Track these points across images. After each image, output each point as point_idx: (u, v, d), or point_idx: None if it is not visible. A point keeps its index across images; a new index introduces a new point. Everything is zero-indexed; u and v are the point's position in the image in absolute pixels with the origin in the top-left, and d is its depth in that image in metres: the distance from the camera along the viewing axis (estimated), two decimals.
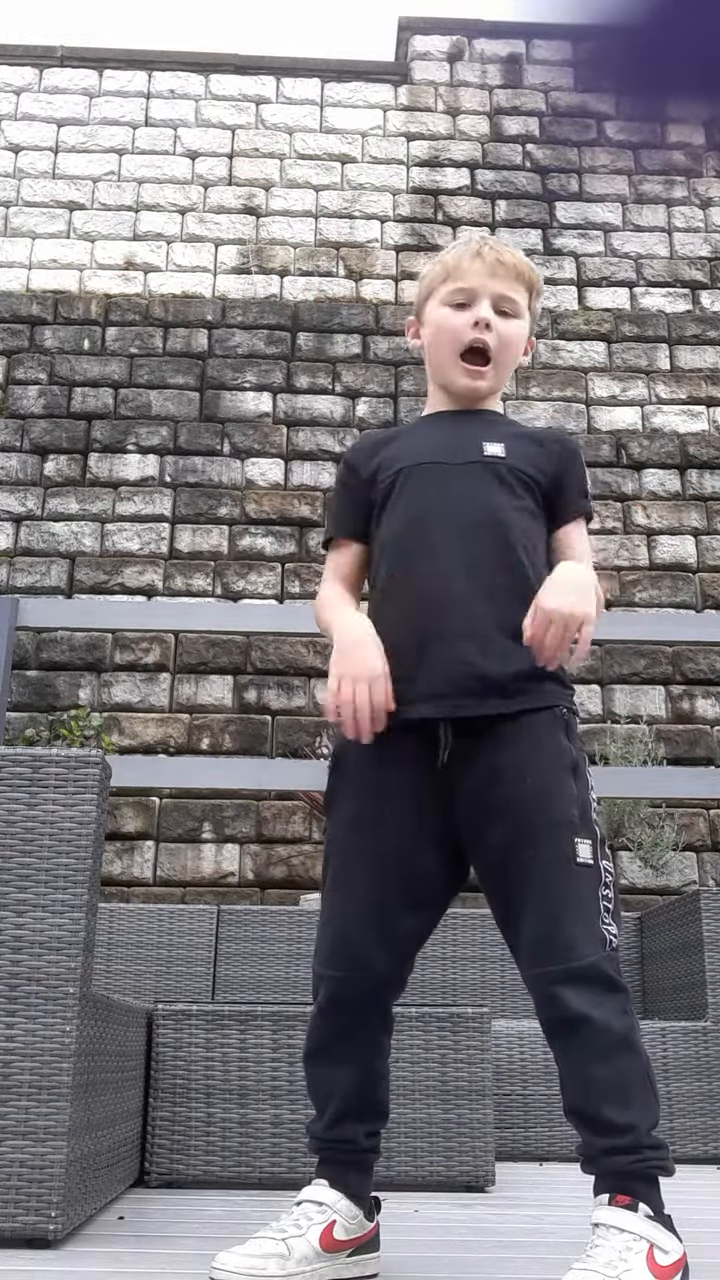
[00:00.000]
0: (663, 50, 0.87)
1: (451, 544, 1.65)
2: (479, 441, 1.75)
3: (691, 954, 3.56)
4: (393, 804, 1.61)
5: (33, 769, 1.87)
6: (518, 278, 1.81)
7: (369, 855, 1.62)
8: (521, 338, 1.84)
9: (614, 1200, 1.45)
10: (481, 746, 1.57)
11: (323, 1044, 1.66)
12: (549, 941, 1.52)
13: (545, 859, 1.53)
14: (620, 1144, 1.47)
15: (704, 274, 9.76)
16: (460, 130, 10.15)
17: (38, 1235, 1.68)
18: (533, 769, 1.56)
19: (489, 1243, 1.74)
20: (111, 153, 9.98)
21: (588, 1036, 1.50)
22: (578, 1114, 1.53)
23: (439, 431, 1.81)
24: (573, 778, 1.58)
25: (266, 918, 3.92)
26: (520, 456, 1.75)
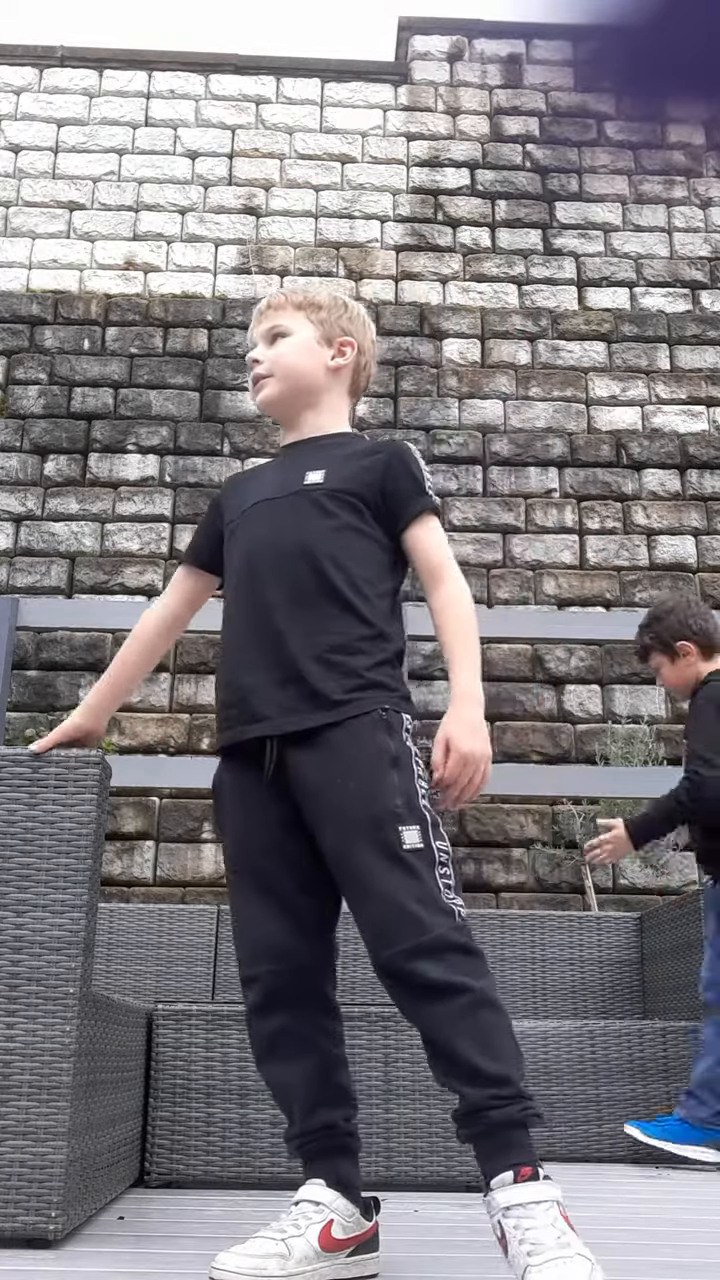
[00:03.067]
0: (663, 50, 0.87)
1: (273, 576, 1.78)
2: (303, 472, 1.86)
3: (691, 954, 3.56)
4: (254, 816, 1.75)
5: (33, 769, 1.87)
6: (279, 308, 1.97)
7: (253, 862, 1.75)
8: (298, 345, 1.95)
9: (519, 1176, 1.47)
10: (312, 758, 1.68)
11: (271, 1043, 1.72)
12: (395, 924, 1.58)
13: (371, 850, 1.62)
14: (502, 1093, 1.51)
15: (704, 274, 9.76)
16: (460, 130, 10.15)
17: (38, 1235, 1.68)
18: (354, 771, 1.66)
19: (489, 1243, 1.74)
20: (111, 153, 9.98)
21: (450, 999, 1.55)
22: (453, 1074, 1.57)
23: (275, 469, 1.95)
24: (394, 770, 1.66)
25: None
26: (340, 477, 1.84)
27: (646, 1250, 1.76)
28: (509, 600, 8.38)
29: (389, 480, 1.84)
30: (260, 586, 1.78)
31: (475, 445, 8.95)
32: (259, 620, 1.76)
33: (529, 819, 7.58)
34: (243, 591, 1.81)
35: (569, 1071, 3.32)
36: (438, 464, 8.81)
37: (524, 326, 9.49)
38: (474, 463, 8.90)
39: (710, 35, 0.85)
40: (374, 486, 1.83)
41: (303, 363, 1.94)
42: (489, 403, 9.17)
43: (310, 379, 1.94)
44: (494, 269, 9.69)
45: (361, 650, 1.73)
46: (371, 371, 2.04)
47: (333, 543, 1.78)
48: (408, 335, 9.34)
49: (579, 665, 8.24)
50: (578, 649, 8.24)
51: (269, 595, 1.76)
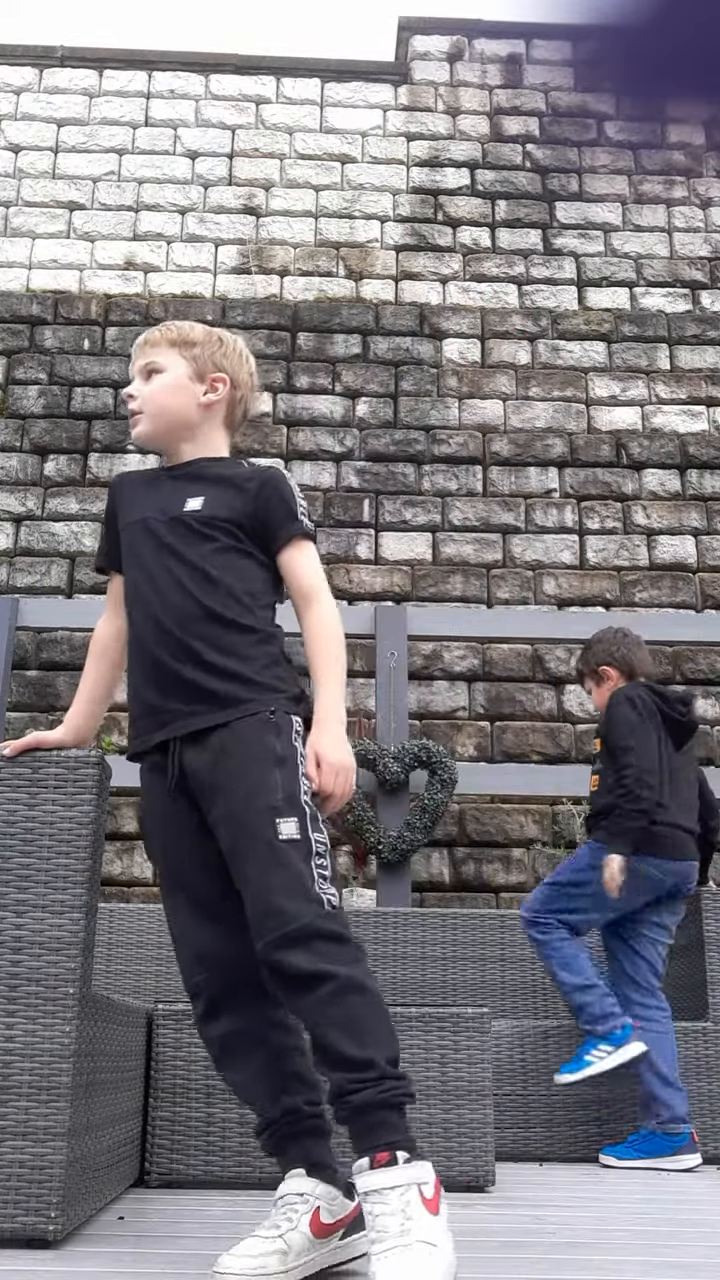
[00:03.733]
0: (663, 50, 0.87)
1: (158, 594, 1.87)
2: (183, 498, 1.96)
3: (692, 954, 3.56)
4: (170, 827, 1.83)
5: (32, 769, 1.87)
6: (155, 344, 2.06)
7: (178, 874, 1.82)
8: (169, 384, 2.04)
9: (374, 1162, 1.48)
10: (206, 759, 1.77)
11: (223, 1046, 1.77)
12: (265, 914, 1.64)
13: (251, 843, 1.69)
14: (364, 1077, 1.53)
15: (704, 274, 9.76)
16: (460, 130, 10.15)
17: (37, 1235, 1.68)
18: (241, 771, 1.74)
19: (489, 1243, 1.74)
20: (111, 153, 9.98)
21: (316, 987, 1.59)
22: (323, 1061, 1.60)
23: (159, 488, 2.03)
24: (278, 769, 1.75)
25: None
26: (217, 504, 1.95)
27: (646, 1250, 1.76)
28: (509, 600, 8.38)
29: (260, 507, 1.94)
30: (149, 603, 1.88)
31: (475, 445, 8.95)
32: (152, 633, 1.85)
33: (529, 819, 7.58)
34: (136, 606, 1.91)
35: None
36: (438, 464, 8.81)
37: (524, 326, 9.49)
38: (474, 463, 8.90)
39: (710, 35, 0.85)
40: (249, 513, 1.94)
41: (173, 400, 2.03)
42: (489, 403, 9.17)
43: (181, 415, 2.04)
44: (494, 269, 9.69)
45: (248, 656, 1.83)
46: (249, 406, 2.13)
47: (211, 561, 1.89)
48: (408, 335, 9.34)
49: (579, 665, 8.24)
50: (578, 649, 8.23)
51: (156, 610, 1.86)
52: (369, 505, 8.72)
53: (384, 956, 3.78)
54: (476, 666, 8.09)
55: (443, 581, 8.37)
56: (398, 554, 8.46)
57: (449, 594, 8.33)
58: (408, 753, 5.02)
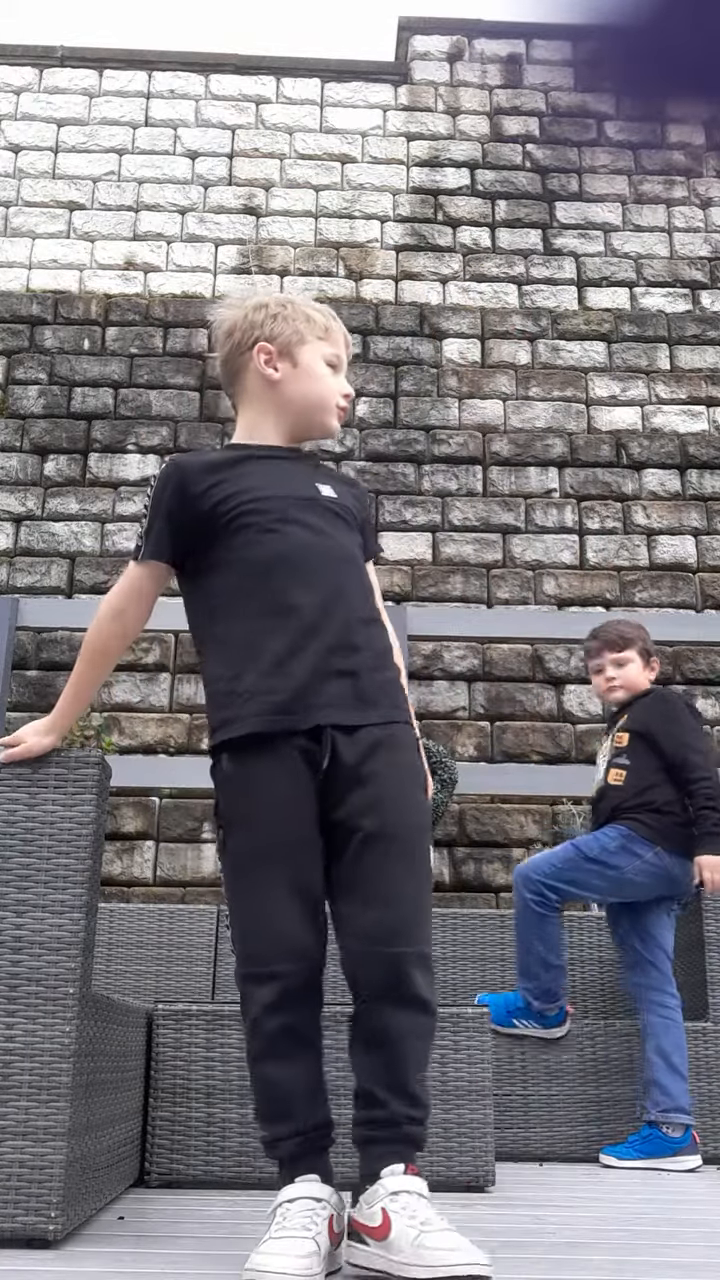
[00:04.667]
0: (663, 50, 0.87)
1: (320, 576, 1.84)
2: (312, 483, 1.94)
3: (692, 954, 3.56)
4: (292, 809, 1.77)
5: (33, 769, 1.87)
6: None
7: (290, 856, 1.77)
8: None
9: (408, 1170, 1.64)
10: (355, 754, 1.76)
11: (274, 1041, 1.74)
12: (402, 925, 1.70)
13: (405, 854, 1.74)
14: (417, 1117, 1.68)
15: (704, 274, 9.76)
16: (460, 130, 10.15)
17: (38, 1235, 1.68)
18: (398, 781, 1.77)
19: (489, 1243, 1.74)
20: (111, 153, 9.98)
21: (425, 1019, 1.71)
22: (390, 1086, 1.68)
23: (275, 468, 1.94)
24: (422, 789, 1.83)
25: None
26: (347, 497, 1.98)
27: (646, 1250, 1.76)
28: (509, 600, 8.38)
29: (369, 518, 2.04)
30: (310, 583, 1.82)
31: (475, 445, 8.95)
32: (314, 615, 1.80)
33: (529, 819, 7.58)
34: (288, 584, 1.82)
35: (569, 1071, 3.32)
36: (438, 464, 8.81)
37: (524, 326, 9.49)
38: (474, 463, 8.90)
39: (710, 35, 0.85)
40: (361, 517, 2.00)
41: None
42: (489, 403, 9.16)
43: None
44: (494, 269, 9.69)
45: (392, 663, 1.88)
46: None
47: (359, 554, 1.93)
48: (408, 335, 9.34)
49: (579, 665, 8.24)
50: (578, 649, 8.24)
51: (321, 593, 1.82)
52: (369, 505, 8.72)
53: None
54: (476, 666, 8.09)
55: (443, 581, 8.37)
56: (397, 554, 8.46)
57: (449, 594, 8.33)
58: None
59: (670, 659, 8.28)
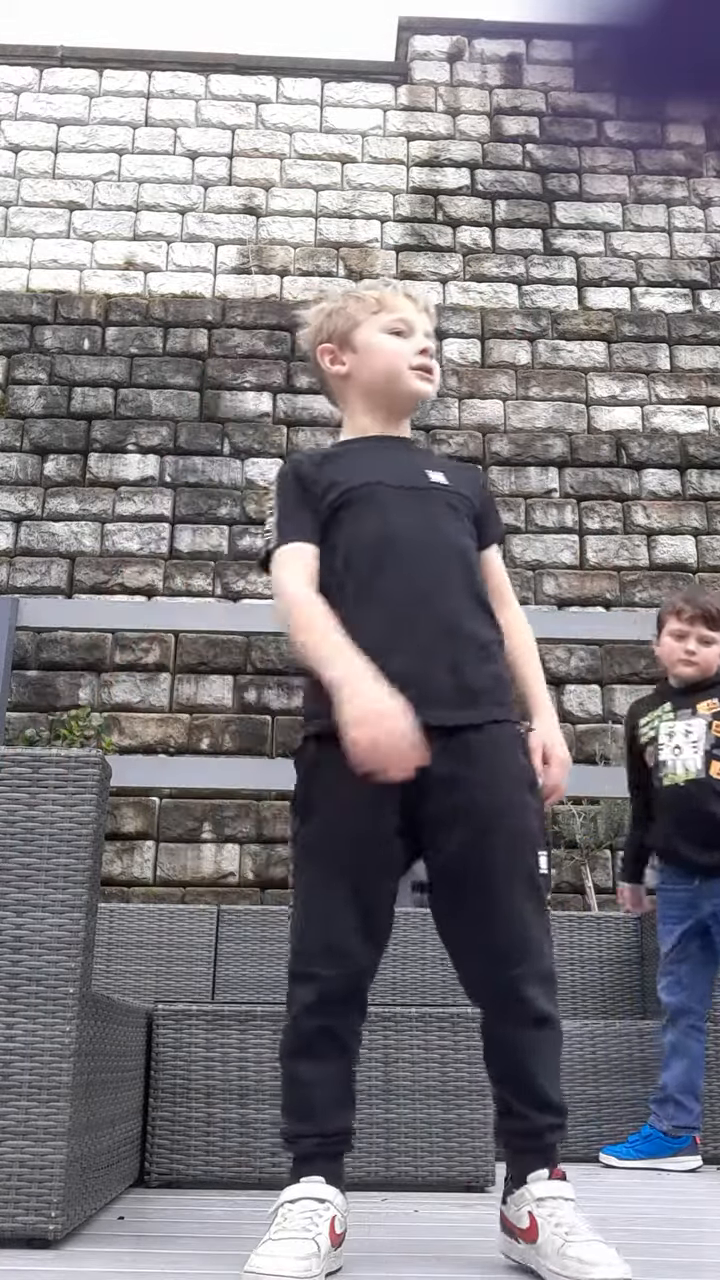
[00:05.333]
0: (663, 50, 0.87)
1: (423, 564, 1.76)
2: (420, 469, 1.88)
3: None
4: (369, 813, 1.67)
5: (33, 769, 1.86)
6: (432, 321, 2.00)
7: (355, 858, 1.69)
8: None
9: (553, 1175, 1.66)
10: (449, 753, 1.66)
11: (309, 1041, 1.71)
12: (520, 945, 1.65)
13: (513, 869, 1.67)
14: (558, 1123, 1.71)
15: (704, 274, 9.76)
16: (460, 130, 10.15)
17: (38, 1235, 1.68)
18: (499, 787, 1.68)
19: (489, 1243, 1.74)
20: (111, 153, 9.98)
21: (549, 1032, 1.69)
22: (522, 1097, 1.69)
23: (378, 456, 1.88)
24: (530, 794, 1.73)
25: (266, 918, 3.91)
26: (459, 483, 1.89)
27: (647, 1250, 1.76)
28: None
29: (488, 502, 1.95)
30: (409, 571, 1.75)
31: (475, 445, 8.95)
32: (412, 604, 1.72)
33: None
34: (386, 572, 1.74)
35: (569, 1071, 3.31)
36: None
37: (524, 326, 9.49)
38: (474, 463, 8.90)
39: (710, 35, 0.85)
40: (479, 502, 1.91)
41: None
42: (489, 403, 9.16)
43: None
44: (494, 269, 9.69)
45: (497, 656, 1.78)
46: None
47: (469, 544, 1.84)
48: None
49: (579, 665, 8.24)
50: (578, 649, 8.24)
51: (420, 582, 1.74)
52: None
53: (384, 956, 3.78)
54: None
55: None
56: None
57: None
58: None
59: None
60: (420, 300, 1.98)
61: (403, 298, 1.97)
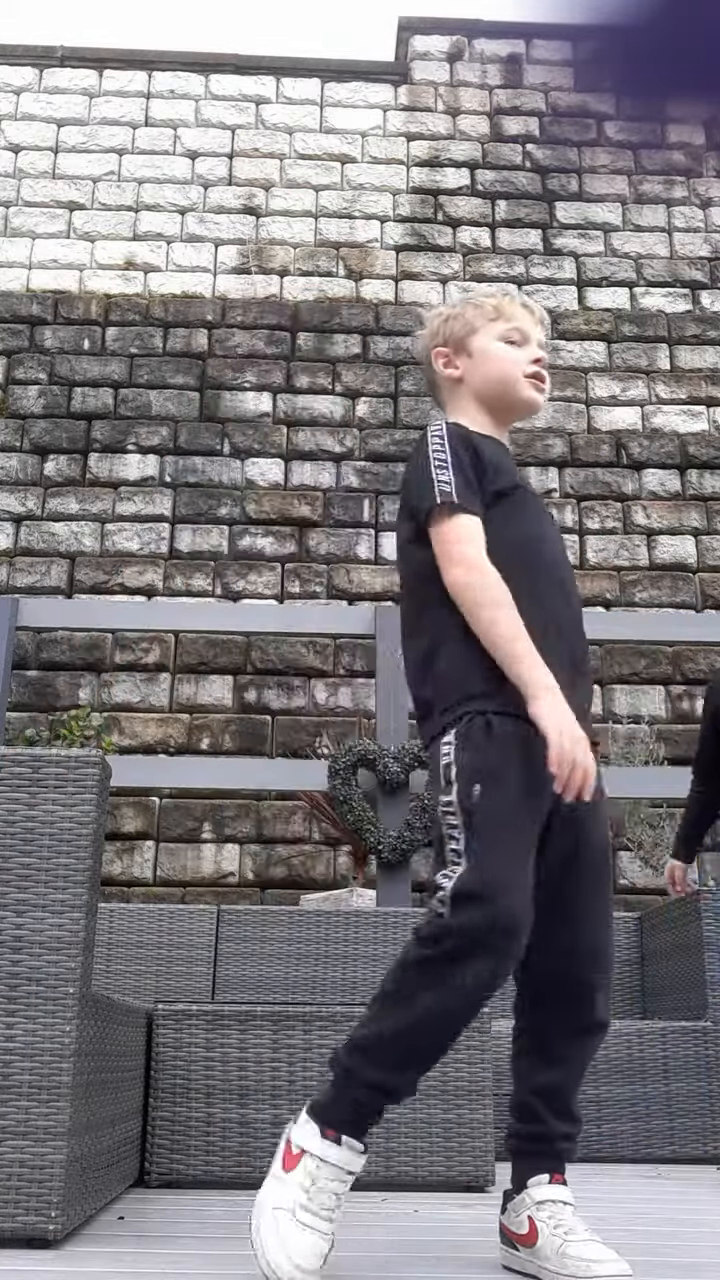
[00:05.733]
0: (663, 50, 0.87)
1: (566, 581, 1.84)
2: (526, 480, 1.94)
3: (691, 954, 3.56)
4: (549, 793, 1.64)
5: (33, 769, 1.86)
6: (546, 330, 2.02)
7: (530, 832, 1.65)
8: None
9: (553, 1179, 1.68)
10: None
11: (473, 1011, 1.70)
12: (602, 953, 1.74)
13: (605, 876, 1.76)
14: (573, 1132, 1.73)
15: (704, 274, 9.76)
16: (460, 130, 10.15)
17: (38, 1235, 1.68)
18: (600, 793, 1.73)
19: (489, 1243, 1.74)
20: (111, 153, 9.98)
21: (598, 1040, 1.76)
22: (556, 1108, 1.72)
23: (507, 457, 1.93)
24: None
25: (266, 918, 3.91)
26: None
27: (647, 1250, 1.76)
28: None
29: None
30: (560, 582, 1.81)
31: None
32: (564, 619, 1.78)
33: None
34: (540, 581, 1.76)
35: None
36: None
37: None
38: None
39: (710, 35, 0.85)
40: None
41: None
42: None
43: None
44: (494, 269, 9.69)
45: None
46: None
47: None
48: (408, 335, 9.33)
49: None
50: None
51: (569, 598, 1.82)
52: (369, 505, 8.72)
53: (384, 957, 3.78)
54: None
55: None
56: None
57: None
58: (408, 753, 5.02)
59: (670, 659, 8.27)
60: (536, 311, 2.00)
61: (519, 307, 1.98)
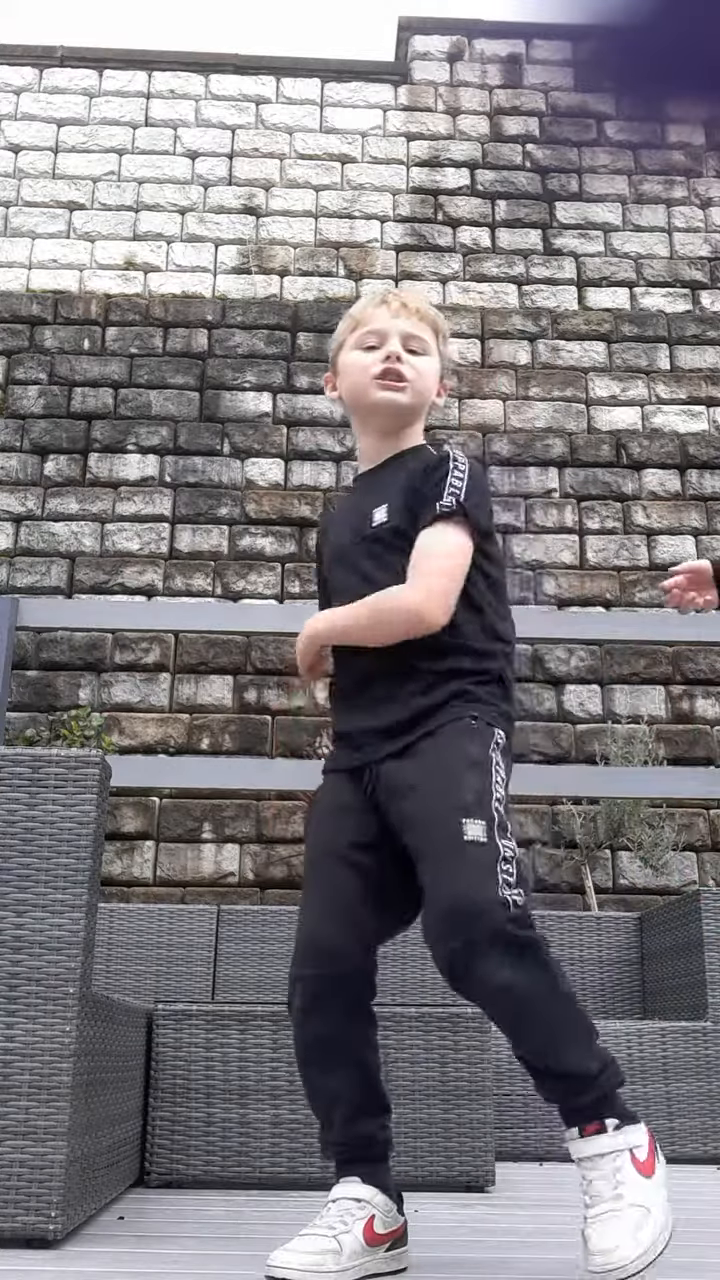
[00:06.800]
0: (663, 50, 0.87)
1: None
2: (371, 511, 1.82)
3: (691, 954, 3.56)
4: (339, 821, 1.76)
5: (33, 769, 1.86)
6: (421, 319, 1.91)
7: (329, 865, 1.75)
8: (433, 372, 1.91)
9: (584, 1132, 1.54)
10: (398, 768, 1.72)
11: (312, 1049, 1.70)
12: (450, 914, 1.56)
13: (438, 838, 1.63)
14: (578, 1088, 1.56)
15: (704, 274, 9.76)
16: (460, 130, 10.15)
17: (38, 1235, 1.68)
18: (433, 770, 1.68)
19: (489, 1243, 1.74)
20: (111, 153, 9.98)
21: (505, 1001, 1.55)
22: (533, 1076, 1.62)
23: (350, 505, 1.91)
24: (472, 772, 1.68)
25: (266, 918, 3.91)
26: (398, 510, 1.79)
27: None
28: (509, 600, 8.38)
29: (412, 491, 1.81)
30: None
31: (475, 445, 8.95)
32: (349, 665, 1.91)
33: (529, 819, 7.58)
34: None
35: None
36: None
37: (524, 326, 9.49)
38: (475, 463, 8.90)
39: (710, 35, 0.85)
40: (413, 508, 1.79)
41: (430, 391, 1.91)
42: (489, 403, 9.16)
43: (422, 409, 1.91)
44: (494, 269, 9.69)
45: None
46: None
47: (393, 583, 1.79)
48: None
49: (579, 665, 8.24)
50: (578, 649, 8.24)
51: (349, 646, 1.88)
52: None
53: (384, 956, 3.77)
54: None
55: None
56: None
57: None
58: None
59: (670, 659, 8.27)
60: (394, 303, 1.90)
61: (377, 306, 1.91)
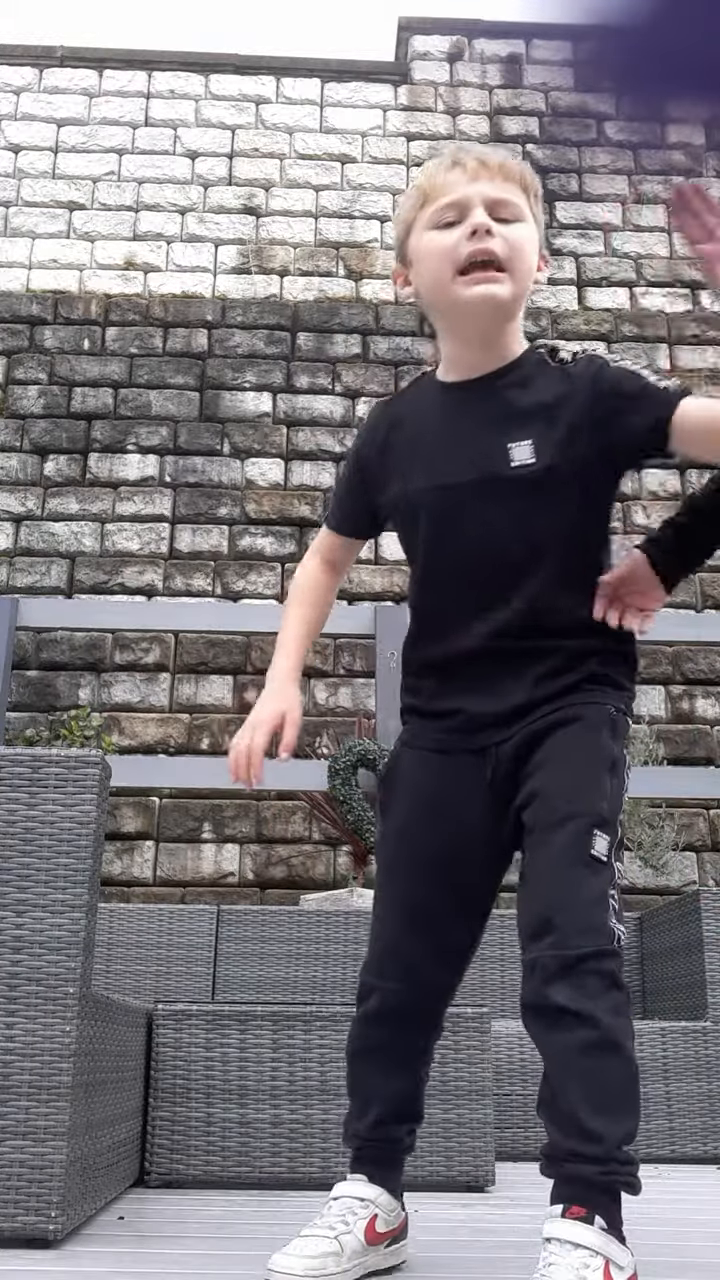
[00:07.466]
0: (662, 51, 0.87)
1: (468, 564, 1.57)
2: (504, 446, 1.48)
3: (691, 954, 3.56)
4: (446, 814, 1.62)
5: (33, 769, 1.86)
6: (508, 177, 1.49)
7: (417, 870, 1.64)
8: (533, 242, 1.50)
9: (568, 1212, 1.33)
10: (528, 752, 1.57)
11: (369, 1048, 1.67)
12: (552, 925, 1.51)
13: (561, 842, 1.52)
14: (587, 1152, 1.34)
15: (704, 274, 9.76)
16: (460, 130, 10.15)
17: (38, 1235, 1.68)
18: (576, 763, 1.52)
19: (489, 1243, 1.74)
20: (111, 153, 9.98)
21: (575, 1031, 1.38)
22: (549, 1110, 1.40)
23: (446, 430, 1.54)
24: (612, 776, 1.53)
25: (266, 918, 3.91)
26: (553, 446, 1.46)
27: (646, 1250, 1.76)
28: None
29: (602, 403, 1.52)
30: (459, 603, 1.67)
31: None
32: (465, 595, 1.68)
33: None
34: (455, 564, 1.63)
35: None
36: None
37: (524, 326, 9.49)
38: None
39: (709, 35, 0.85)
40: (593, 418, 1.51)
41: (532, 270, 1.51)
42: None
43: (525, 295, 1.52)
44: None
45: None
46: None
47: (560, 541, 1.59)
48: (407, 335, 9.34)
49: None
50: None
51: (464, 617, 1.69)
52: None
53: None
54: None
55: None
56: (397, 554, 8.45)
57: None
58: None
59: (670, 659, 8.27)
60: (470, 162, 1.47)
61: (447, 171, 1.49)
